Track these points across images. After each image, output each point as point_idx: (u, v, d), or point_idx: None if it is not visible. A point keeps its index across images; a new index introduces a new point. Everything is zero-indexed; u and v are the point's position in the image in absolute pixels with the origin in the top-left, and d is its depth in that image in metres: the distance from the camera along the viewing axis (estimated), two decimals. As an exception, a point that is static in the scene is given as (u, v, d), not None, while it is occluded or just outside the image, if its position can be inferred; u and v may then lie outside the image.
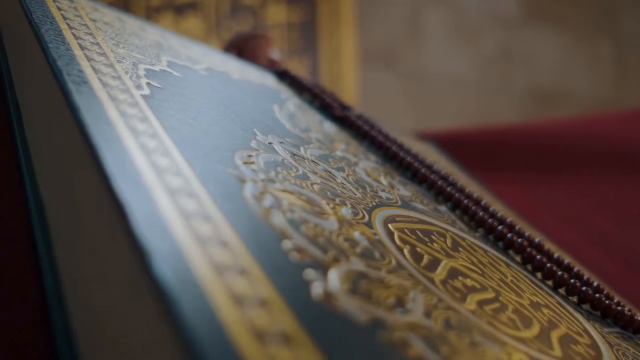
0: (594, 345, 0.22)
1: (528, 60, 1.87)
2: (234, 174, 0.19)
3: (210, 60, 0.31)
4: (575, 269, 0.28)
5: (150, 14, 1.77)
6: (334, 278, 0.16)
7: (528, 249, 0.27)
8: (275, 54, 0.41)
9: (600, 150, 0.50)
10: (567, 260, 0.29)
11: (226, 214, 0.16)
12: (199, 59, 0.30)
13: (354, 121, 0.32)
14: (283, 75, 0.36)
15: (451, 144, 0.45)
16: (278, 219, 0.18)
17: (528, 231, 0.32)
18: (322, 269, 0.16)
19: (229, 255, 0.14)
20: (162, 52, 0.28)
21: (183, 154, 0.18)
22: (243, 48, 0.39)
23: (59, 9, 0.25)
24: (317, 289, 0.15)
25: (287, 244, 0.16)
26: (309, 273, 0.16)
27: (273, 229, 0.17)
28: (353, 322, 0.14)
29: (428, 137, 0.46)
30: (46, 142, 0.20)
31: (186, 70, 0.27)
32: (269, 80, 0.35)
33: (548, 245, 0.35)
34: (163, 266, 0.12)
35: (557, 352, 0.20)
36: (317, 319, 0.14)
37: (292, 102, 0.33)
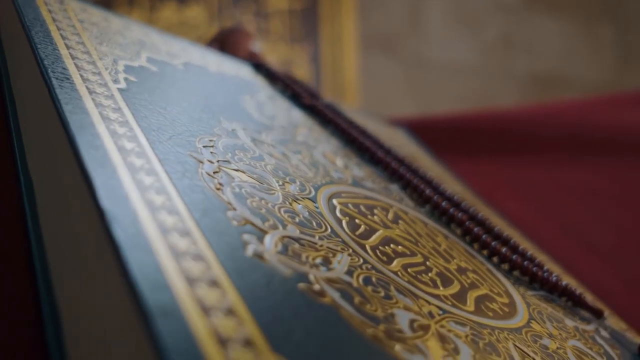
0: (511, 304, 0.26)
1: (529, 46, 1.88)
2: (193, 156, 0.22)
3: (189, 55, 0.34)
4: (512, 241, 0.31)
5: (154, 4, 1.79)
6: (268, 241, 0.19)
7: (467, 222, 0.30)
8: (255, 47, 0.44)
9: (561, 135, 0.53)
10: (507, 234, 0.32)
11: (180, 188, 0.19)
12: (178, 54, 0.33)
13: (320, 109, 0.35)
14: (259, 67, 0.39)
15: (421, 129, 0.48)
16: (227, 193, 0.21)
17: (480, 210, 0.36)
18: (259, 234, 0.19)
19: (176, 221, 0.17)
20: (143, 49, 0.31)
21: (148, 138, 0.21)
22: (224, 42, 0.42)
23: (49, 11, 0.28)
24: (250, 249, 0.18)
25: (231, 214, 0.20)
26: (246, 237, 0.19)
27: (221, 201, 0.20)
28: (276, 275, 0.18)
29: (400, 123, 0.49)
30: (36, 132, 0.23)
31: (164, 65, 0.30)
32: (245, 72, 0.38)
33: (500, 225, 0.38)
34: (115, 224, 0.16)
35: (470, 307, 0.23)
36: (245, 270, 0.17)
37: (264, 92, 0.36)
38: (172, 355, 0.13)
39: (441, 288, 0.23)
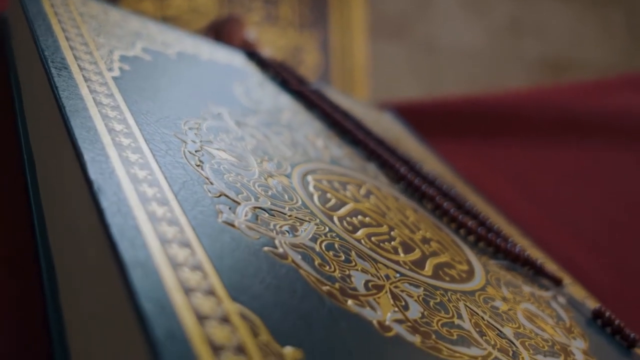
0: (470, 271, 0.28)
1: (539, 29, 1.87)
2: (177, 136, 0.25)
3: (182, 45, 0.36)
4: (481, 216, 0.34)
5: (165, -9, 1.81)
6: (240, 211, 0.22)
7: (437, 198, 0.32)
8: (250, 35, 0.46)
9: (545, 119, 0.55)
10: (478, 209, 0.35)
11: (162, 164, 0.22)
12: (172, 44, 0.35)
13: (306, 94, 0.37)
14: (252, 55, 0.41)
15: (409, 113, 0.50)
16: (206, 170, 0.23)
17: (456, 189, 0.38)
18: (232, 205, 0.22)
19: (155, 192, 0.20)
20: (139, 40, 0.33)
21: (137, 121, 0.24)
22: (219, 32, 0.44)
23: (52, 5, 0.30)
24: (221, 217, 0.21)
25: (207, 187, 0.22)
26: (220, 207, 0.21)
27: (200, 176, 0.22)
28: (244, 239, 0.20)
29: (388, 108, 0.51)
30: (37, 114, 0.25)
31: (158, 54, 0.32)
32: (237, 60, 0.40)
33: (476, 202, 0.40)
34: (101, 193, 0.18)
35: (428, 272, 0.25)
36: (215, 235, 0.19)
37: (254, 79, 0.38)
38: (143, 300, 0.15)
39: (402, 255, 0.25)
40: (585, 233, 0.46)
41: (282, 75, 0.39)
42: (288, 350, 0.16)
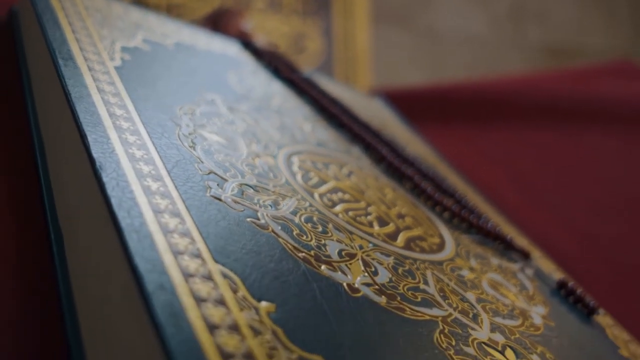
0: (441, 244, 0.30)
1: (541, 16, 1.87)
2: (173, 120, 0.27)
3: (181, 35, 0.38)
4: (458, 194, 0.36)
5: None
6: (227, 186, 0.24)
7: (415, 177, 0.34)
8: (246, 26, 0.48)
9: (531, 104, 0.57)
10: (455, 188, 0.37)
11: (157, 145, 0.24)
12: (170, 35, 0.37)
13: (297, 81, 0.39)
14: (247, 45, 0.43)
15: (398, 99, 0.52)
16: (198, 150, 0.26)
17: (438, 170, 0.40)
18: (220, 181, 0.24)
19: (151, 169, 0.22)
20: (140, 31, 0.35)
21: (136, 106, 0.26)
22: (217, 22, 0.46)
23: (59, 0, 0.33)
24: (210, 192, 0.23)
25: (198, 166, 0.24)
26: (209, 183, 0.23)
27: (192, 156, 0.25)
28: (230, 211, 0.22)
29: (379, 94, 0.53)
30: (46, 101, 0.28)
31: (157, 45, 0.35)
32: (233, 49, 0.42)
33: (455, 183, 0.42)
34: (102, 170, 0.20)
35: (400, 244, 0.28)
36: (203, 207, 0.22)
37: (248, 67, 0.40)
38: (138, 260, 0.17)
39: (376, 228, 0.28)
40: (564, 213, 0.48)
41: (275, 63, 0.41)
42: (263, 304, 0.19)
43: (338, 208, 0.28)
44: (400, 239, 0.28)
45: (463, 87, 0.58)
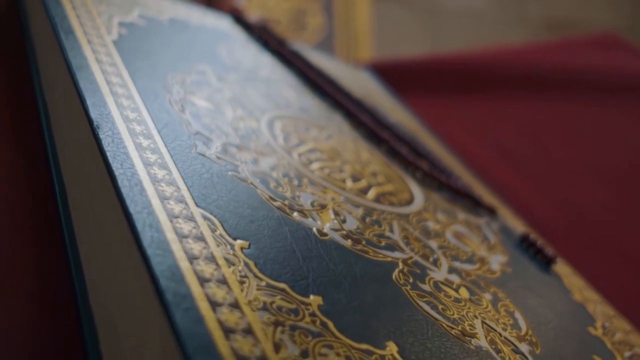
0: (410, 199, 0.33)
1: (544, -9, 1.86)
2: (164, 87, 0.29)
3: (175, 11, 0.40)
4: (431, 156, 0.38)
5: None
6: (212, 145, 0.27)
7: (391, 140, 0.37)
8: (239, 3, 0.50)
9: (511, 76, 0.59)
10: (429, 151, 0.39)
11: (149, 109, 0.27)
12: (165, 10, 0.40)
13: (284, 54, 0.42)
14: (238, 20, 0.45)
15: (385, 71, 0.54)
16: (187, 114, 0.28)
17: (415, 135, 0.42)
18: (206, 140, 0.27)
19: (143, 129, 0.25)
20: (136, 7, 0.37)
21: (131, 75, 0.29)
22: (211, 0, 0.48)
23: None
24: (196, 149, 0.26)
25: (187, 127, 0.27)
26: (195, 142, 0.26)
27: (181, 119, 0.27)
28: (213, 166, 0.25)
29: (367, 66, 0.56)
30: (50, 71, 0.30)
31: (152, 20, 0.37)
32: (225, 24, 0.44)
33: (432, 147, 0.45)
34: (100, 129, 0.23)
35: (370, 197, 0.30)
36: (189, 161, 0.24)
37: (239, 41, 0.43)
38: (129, 203, 0.20)
39: (349, 183, 0.30)
40: (541, 179, 0.50)
41: (265, 37, 0.44)
42: (238, 242, 0.21)
43: (314, 166, 0.30)
44: (371, 193, 0.31)
45: (448, 59, 0.60)
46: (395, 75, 0.54)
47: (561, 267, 0.36)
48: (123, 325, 0.19)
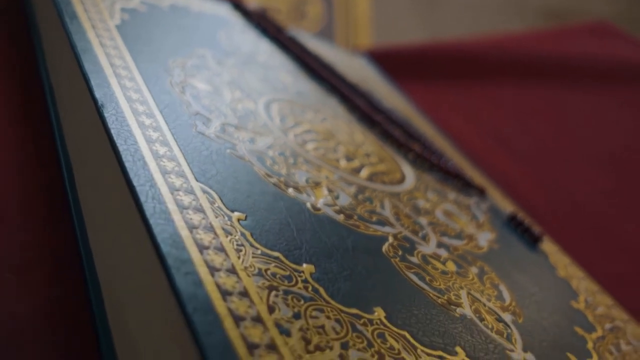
0: (402, 179, 0.34)
1: (542, -20, 1.86)
2: (165, 70, 0.30)
3: (176, -2, 0.42)
4: (424, 138, 0.39)
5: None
6: (211, 125, 0.28)
7: (384, 123, 0.38)
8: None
9: (505, 63, 0.60)
10: (422, 134, 0.40)
11: (151, 90, 0.28)
12: (166, -3, 0.41)
13: (282, 39, 0.43)
14: (237, 7, 0.46)
15: (381, 57, 0.55)
16: (187, 95, 0.29)
17: (409, 120, 0.43)
18: (206, 120, 0.28)
19: (145, 109, 0.26)
20: (138, -6, 0.38)
21: (133, 58, 0.30)
22: (211, -14, 0.49)
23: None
24: (196, 128, 0.27)
25: (187, 107, 0.28)
26: (196, 122, 0.27)
27: (182, 100, 0.29)
28: (213, 144, 0.26)
29: (362, 53, 0.57)
30: (55, 53, 0.31)
31: (153, 6, 0.38)
32: (223, 11, 0.45)
33: (425, 131, 0.46)
34: (104, 108, 0.24)
35: (363, 176, 0.31)
36: (189, 139, 0.25)
37: (238, 27, 0.44)
38: (132, 176, 0.21)
39: (342, 163, 0.32)
40: (534, 163, 0.52)
41: (263, 24, 0.45)
42: (235, 214, 0.23)
43: (309, 146, 0.31)
44: (364, 172, 0.32)
45: (445, 47, 0.61)
46: (391, 62, 0.55)
47: (548, 246, 0.37)
48: (126, 290, 0.21)
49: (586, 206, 0.48)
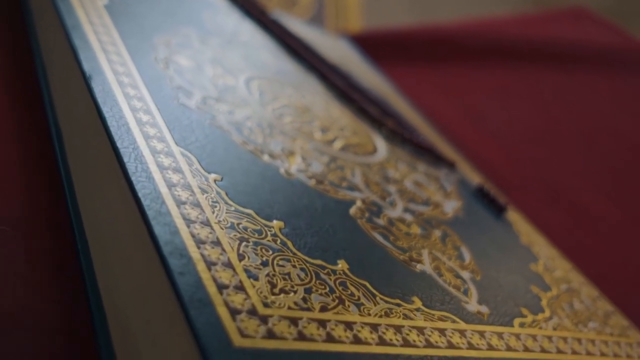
0: (374, 151, 0.36)
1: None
2: (151, 47, 0.32)
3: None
4: (398, 115, 0.41)
5: None
6: (193, 97, 0.30)
7: (357, 99, 0.40)
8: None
9: (485, 46, 0.62)
10: (397, 111, 0.42)
11: (137, 64, 0.29)
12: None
13: (264, 21, 0.45)
14: (223, -10, 0.48)
15: (363, 40, 0.57)
16: (170, 71, 0.31)
17: (385, 98, 0.45)
18: (188, 93, 0.30)
19: (130, 81, 0.28)
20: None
21: (120, 35, 0.31)
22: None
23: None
24: (179, 100, 0.28)
25: (170, 81, 0.30)
26: (178, 94, 0.29)
27: (165, 75, 0.30)
28: (193, 114, 0.28)
29: (344, 35, 0.58)
30: (47, 31, 0.33)
31: (141, -12, 0.40)
32: (210, -6, 0.47)
33: (401, 109, 0.48)
34: (92, 81, 0.26)
35: (337, 147, 0.33)
36: (172, 110, 0.27)
37: (222, 8, 0.45)
38: (117, 140, 0.23)
39: (317, 135, 0.33)
40: (506, 139, 0.54)
41: (246, 5, 0.46)
42: (212, 175, 0.24)
43: (286, 119, 0.33)
44: (338, 143, 0.34)
45: (425, 30, 0.63)
46: (374, 45, 0.57)
47: (513, 216, 0.39)
48: (111, 241, 0.22)
49: (554, 180, 0.50)
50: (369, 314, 0.22)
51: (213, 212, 0.22)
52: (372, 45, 0.57)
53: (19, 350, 0.20)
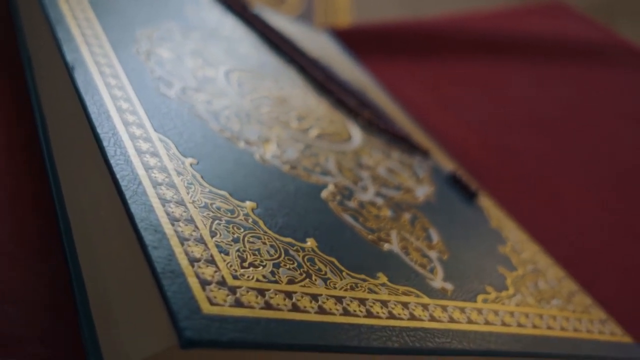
0: (350, 140, 0.37)
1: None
2: (133, 40, 0.33)
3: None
4: (375, 107, 0.43)
5: None
6: (172, 88, 0.31)
7: (335, 91, 0.41)
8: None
9: (461, 40, 0.63)
10: (374, 102, 0.44)
11: (118, 56, 0.31)
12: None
13: (246, 16, 0.46)
14: (206, -14, 0.49)
15: (345, 35, 0.58)
16: (151, 62, 0.32)
17: (363, 89, 0.47)
18: (168, 83, 0.31)
19: (112, 72, 0.29)
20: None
21: (103, 29, 0.33)
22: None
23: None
24: (159, 90, 0.30)
25: (151, 72, 0.31)
26: (159, 85, 0.30)
27: (146, 66, 0.32)
28: (173, 103, 0.29)
29: (326, 30, 0.60)
30: (32, 23, 0.34)
31: (125, -17, 0.41)
32: (193, -11, 0.48)
33: (380, 101, 0.49)
34: (74, 71, 0.27)
35: (312, 135, 0.35)
36: (152, 100, 0.28)
37: (203, 3, 0.46)
38: (97, 126, 0.24)
39: (293, 124, 0.35)
40: (481, 128, 0.55)
41: (228, 1, 0.47)
42: (188, 159, 0.26)
43: (264, 109, 0.34)
44: (313, 132, 0.35)
45: (406, 25, 0.64)
46: (355, 39, 0.59)
47: (485, 201, 0.40)
48: (93, 220, 0.24)
49: (529, 168, 0.52)
50: (335, 288, 0.23)
51: (188, 193, 0.23)
52: (355, 39, 0.59)
53: (8, 320, 0.21)
